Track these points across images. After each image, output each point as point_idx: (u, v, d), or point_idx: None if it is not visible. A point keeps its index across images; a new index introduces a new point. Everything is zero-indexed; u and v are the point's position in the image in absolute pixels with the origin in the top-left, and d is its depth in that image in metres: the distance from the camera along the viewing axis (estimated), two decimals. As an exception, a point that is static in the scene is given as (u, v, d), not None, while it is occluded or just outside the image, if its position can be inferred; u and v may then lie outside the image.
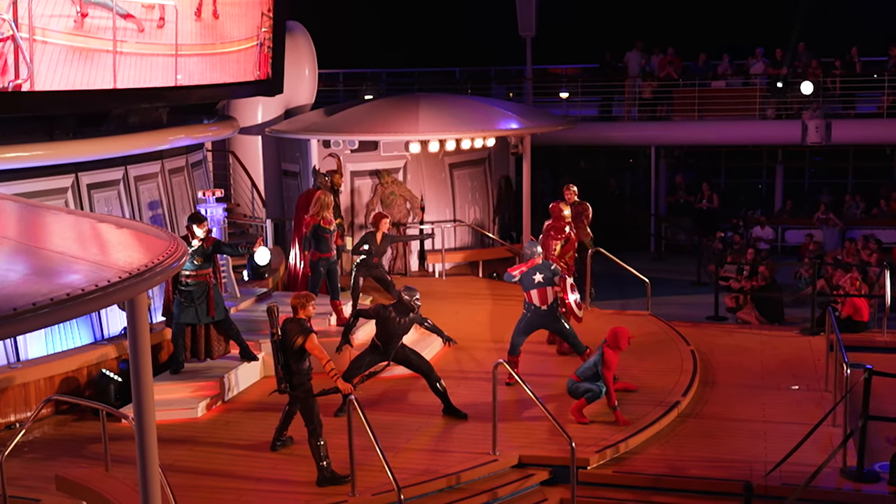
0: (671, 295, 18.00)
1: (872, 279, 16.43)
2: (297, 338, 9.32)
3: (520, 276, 11.66)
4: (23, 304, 4.59)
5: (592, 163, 26.41)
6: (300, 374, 9.41)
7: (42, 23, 11.37)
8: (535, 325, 11.77)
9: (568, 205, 13.73)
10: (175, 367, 11.79)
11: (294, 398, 9.54)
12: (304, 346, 9.30)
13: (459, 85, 26.56)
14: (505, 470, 9.71)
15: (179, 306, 11.64)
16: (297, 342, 9.31)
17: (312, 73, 19.66)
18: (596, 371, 10.55)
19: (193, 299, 11.63)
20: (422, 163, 18.34)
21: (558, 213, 13.37)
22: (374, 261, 13.47)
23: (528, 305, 11.68)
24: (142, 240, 6.37)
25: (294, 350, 9.34)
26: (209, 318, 11.78)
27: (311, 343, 9.31)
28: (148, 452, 6.03)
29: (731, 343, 13.89)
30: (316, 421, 9.31)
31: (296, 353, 9.36)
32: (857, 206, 23.21)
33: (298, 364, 9.39)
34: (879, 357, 11.84)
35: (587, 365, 10.73)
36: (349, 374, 10.38)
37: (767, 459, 9.63)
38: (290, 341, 9.34)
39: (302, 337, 9.31)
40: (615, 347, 10.52)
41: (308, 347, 9.31)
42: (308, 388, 9.41)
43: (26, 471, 9.60)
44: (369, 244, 13.35)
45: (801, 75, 22.59)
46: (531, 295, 11.59)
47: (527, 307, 11.69)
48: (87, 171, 12.82)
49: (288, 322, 9.49)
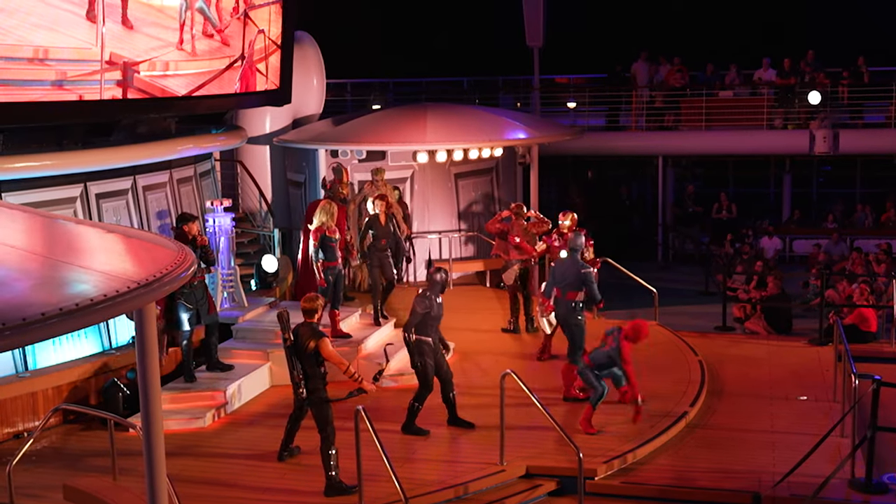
0: (679, 305, 17.94)
1: (880, 289, 16.39)
2: (309, 341, 9.26)
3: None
4: (32, 314, 4.60)
5: (601, 173, 26.44)
6: (315, 378, 9.33)
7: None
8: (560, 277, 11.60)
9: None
10: (190, 376, 11.79)
11: (309, 403, 9.48)
12: (316, 349, 9.26)
13: (467, 95, 26.60)
14: (512, 480, 9.69)
15: (185, 311, 11.62)
16: (310, 346, 9.25)
17: (320, 83, 19.71)
18: (608, 361, 10.45)
19: (196, 301, 11.66)
20: (427, 172, 18.33)
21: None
22: (383, 242, 13.63)
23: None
24: (150, 250, 6.38)
25: (307, 354, 9.28)
26: (210, 317, 11.82)
27: (326, 349, 9.25)
28: (155, 462, 6.03)
29: (739, 353, 13.85)
30: (330, 428, 9.25)
31: (309, 358, 9.29)
32: (866, 217, 23.16)
33: (313, 368, 9.32)
34: (888, 368, 11.78)
35: (601, 352, 10.54)
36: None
37: (776, 470, 9.59)
38: (303, 345, 9.29)
39: (314, 341, 9.26)
40: (634, 341, 10.42)
41: (324, 354, 9.26)
42: (323, 394, 9.36)
43: (34, 480, 9.60)
44: (374, 228, 13.47)
45: (808, 85, 22.57)
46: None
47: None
48: (95, 180, 12.86)
49: (300, 326, 9.44)
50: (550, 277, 11.79)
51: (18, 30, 11.27)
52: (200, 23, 14.18)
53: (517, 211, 14.41)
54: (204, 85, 14.40)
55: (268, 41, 16.16)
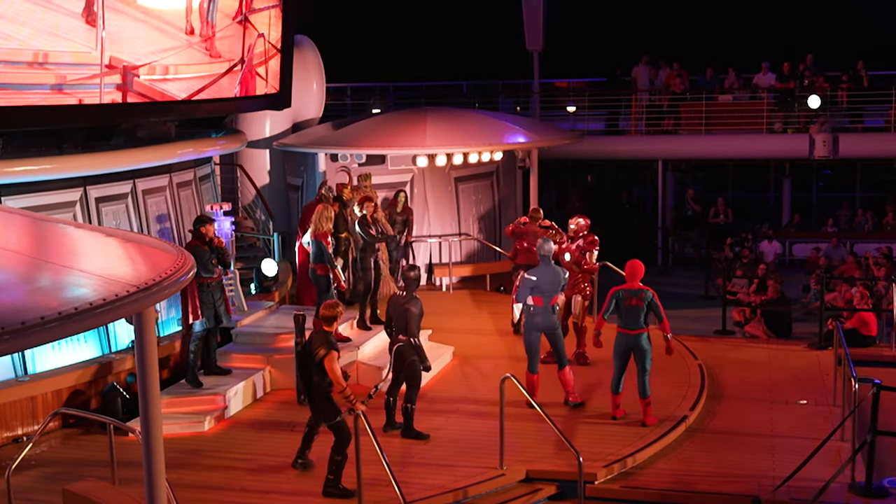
0: (678, 309, 17.90)
1: (880, 293, 16.37)
2: (320, 349, 9.16)
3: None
4: (31, 318, 4.60)
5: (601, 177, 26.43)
6: (321, 387, 9.25)
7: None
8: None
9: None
10: (195, 381, 11.74)
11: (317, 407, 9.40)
12: (324, 359, 9.14)
13: (467, 99, 26.60)
14: (512, 484, 9.69)
15: (203, 311, 11.60)
16: (320, 353, 9.14)
17: (320, 87, 19.72)
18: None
19: (214, 300, 11.66)
20: (426, 176, 18.33)
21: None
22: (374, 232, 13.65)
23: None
24: (149, 254, 6.38)
25: (316, 362, 9.18)
26: (228, 317, 11.88)
27: (329, 363, 9.09)
28: (155, 466, 6.03)
29: (738, 357, 13.85)
30: (345, 433, 9.15)
31: (318, 366, 9.18)
32: (866, 221, 23.15)
33: (320, 377, 9.21)
34: (888, 372, 11.81)
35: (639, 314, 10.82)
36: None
37: (776, 474, 9.58)
38: (313, 353, 9.19)
39: (324, 349, 9.13)
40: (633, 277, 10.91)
41: (326, 366, 9.10)
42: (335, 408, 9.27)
43: (33, 484, 9.60)
44: (363, 231, 13.51)
45: (808, 89, 22.57)
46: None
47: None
48: (95, 184, 12.86)
49: (315, 334, 9.38)
50: (523, 286, 11.59)
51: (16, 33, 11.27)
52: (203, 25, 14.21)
53: (533, 215, 14.40)
54: (204, 89, 14.41)
55: (268, 45, 16.18)
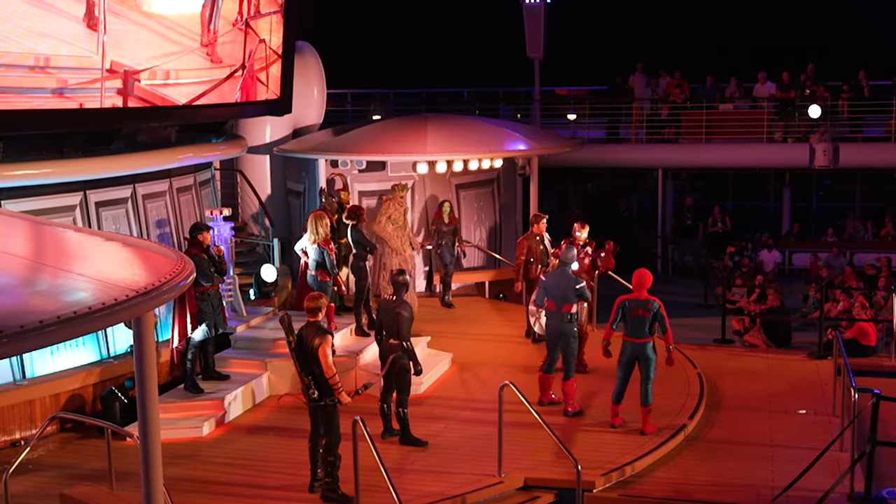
0: (677, 317, 17.84)
1: (880, 303, 16.37)
2: (314, 338, 9.10)
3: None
4: (29, 322, 4.58)
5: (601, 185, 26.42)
6: (325, 380, 9.14)
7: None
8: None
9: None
10: (195, 388, 11.68)
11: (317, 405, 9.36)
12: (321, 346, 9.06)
13: (467, 106, 26.60)
14: (510, 492, 9.66)
15: (201, 320, 11.60)
16: (315, 342, 9.08)
17: (321, 93, 19.72)
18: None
19: (213, 309, 11.65)
20: (427, 183, 18.32)
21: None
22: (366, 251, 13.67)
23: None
24: (149, 258, 6.37)
25: (314, 355, 9.10)
26: (224, 325, 11.88)
27: (323, 348, 9.03)
28: (153, 471, 6.01)
29: (738, 366, 13.83)
30: (335, 433, 9.14)
31: (317, 359, 9.10)
32: (865, 231, 23.16)
33: (320, 369, 9.13)
34: (887, 382, 11.78)
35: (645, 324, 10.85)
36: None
37: (774, 484, 9.57)
38: (309, 345, 9.12)
39: (319, 338, 9.08)
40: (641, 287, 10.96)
41: (319, 352, 9.03)
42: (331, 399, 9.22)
43: (31, 489, 9.59)
44: (358, 236, 13.52)
45: (809, 98, 22.59)
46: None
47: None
48: (95, 188, 12.85)
49: (305, 327, 9.29)
50: (541, 290, 11.76)
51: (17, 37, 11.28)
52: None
53: (533, 220, 14.40)
54: (204, 94, 14.41)
55: (269, 51, 16.18)
